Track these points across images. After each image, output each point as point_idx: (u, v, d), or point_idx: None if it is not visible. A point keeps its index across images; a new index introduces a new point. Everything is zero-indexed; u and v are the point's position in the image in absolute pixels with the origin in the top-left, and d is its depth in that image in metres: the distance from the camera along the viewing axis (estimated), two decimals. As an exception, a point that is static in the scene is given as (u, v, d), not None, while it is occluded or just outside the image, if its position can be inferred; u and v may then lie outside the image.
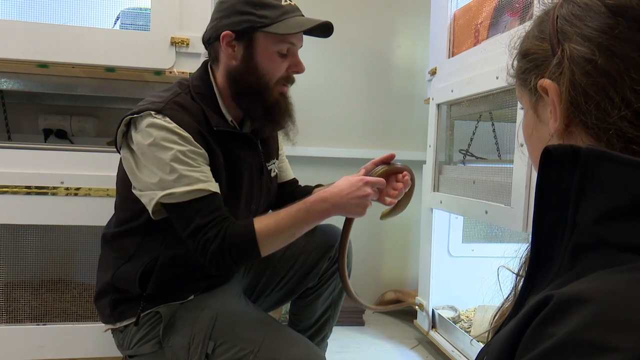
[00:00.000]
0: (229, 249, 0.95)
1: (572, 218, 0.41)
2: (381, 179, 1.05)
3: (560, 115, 0.46)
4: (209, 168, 1.01)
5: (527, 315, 0.37)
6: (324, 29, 1.05)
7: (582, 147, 0.40)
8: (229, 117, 1.09)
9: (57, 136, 1.81)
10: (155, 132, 0.97)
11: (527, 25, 0.54)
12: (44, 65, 1.44)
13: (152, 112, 0.98)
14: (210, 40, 1.07)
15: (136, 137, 1.00)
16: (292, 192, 1.30)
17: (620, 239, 0.38)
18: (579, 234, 0.41)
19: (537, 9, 1.21)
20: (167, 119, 0.98)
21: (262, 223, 0.98)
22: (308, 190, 1.26)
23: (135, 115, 1.00)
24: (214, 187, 1.00)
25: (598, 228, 0.39)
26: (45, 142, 1.79)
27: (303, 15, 1.05)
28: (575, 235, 0.41)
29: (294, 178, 1.34)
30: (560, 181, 0.42)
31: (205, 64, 1.11)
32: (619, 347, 0.30)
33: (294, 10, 1.03)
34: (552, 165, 0.42)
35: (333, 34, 1.07)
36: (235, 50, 1.03)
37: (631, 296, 0.33)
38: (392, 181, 1.10)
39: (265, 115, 1.06)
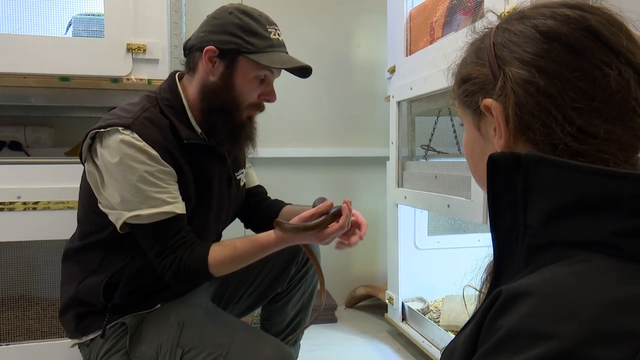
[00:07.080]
0: (184, 276, 1.01)
1: (522, 220, 0.44)
2: (342, 227, 1.04)
3: (505, 133, 0.48)
4: (176, 187, 1.02)
5: (484, 312, 0.39)
6: (302, 71, 1.10)
7: (522, 153, 0.43)
8: (198, 130, 1.09)
9: (11, 148, 1.75)
10: (124, 149, 0.95)
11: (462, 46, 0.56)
12: (-7, 76, 1.38)
13: (120, 128, 0.97)
14: (192, 49, 1.06)
15: (102, 152, 0.98)
16: (259, 203, 1.30)
17: (566, 237, 0.41)
18: (531, 235, 0.43)
19: (486, 8, 1.25)
20: (136, 135, 0.97)
21: (218, 258, 1.01)
22: (276, 209, 1.28)
23: (101, 130, 0.98)
24: (180, 208, 1.01)
25: (546, 228, 0.42)
26: (-2, 155, 1.73)
27: (287, 53, 1.10)
28: (527, 236, 0.44)
29: (259, 185, 1.35)
30: (507, 186, 0.44)
31: (172, 75, 1.11)
32: (556, 334, 0.33)
33: (280, 45, 1.08)
34: (498, 172, 0.45)
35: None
36: (215, 67, 1.04)
37: (569, 287, 0.36)
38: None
39: (230, 134, 1.08)
